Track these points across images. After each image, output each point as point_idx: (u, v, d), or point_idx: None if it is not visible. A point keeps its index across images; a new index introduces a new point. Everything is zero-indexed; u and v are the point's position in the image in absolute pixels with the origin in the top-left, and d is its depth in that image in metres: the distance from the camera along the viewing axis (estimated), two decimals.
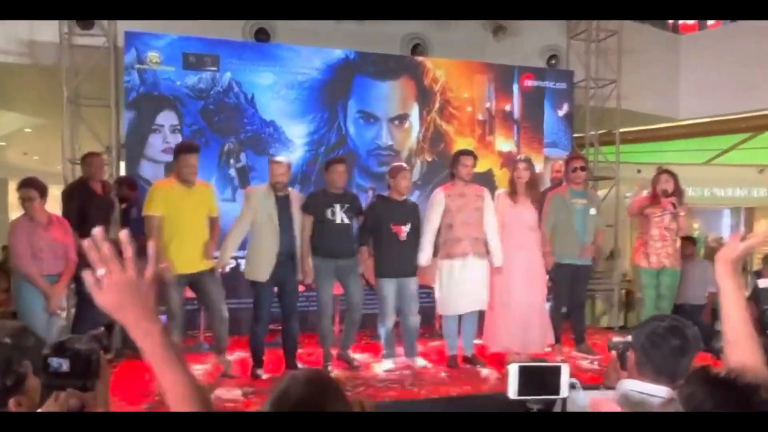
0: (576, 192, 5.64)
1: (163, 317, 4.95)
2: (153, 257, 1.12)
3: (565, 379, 2.26)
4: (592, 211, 5.72)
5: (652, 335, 2.00)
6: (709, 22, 10.13)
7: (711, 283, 6.75)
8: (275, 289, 5.00)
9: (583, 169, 5.69)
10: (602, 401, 1.93)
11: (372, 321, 5.47)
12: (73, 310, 5.43)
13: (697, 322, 6.28)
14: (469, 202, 5.21)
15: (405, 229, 5.15)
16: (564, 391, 2.26)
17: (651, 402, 1.87)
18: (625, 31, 8.20)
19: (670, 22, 9.89)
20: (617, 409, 1.88)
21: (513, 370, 2.19)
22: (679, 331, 2.00)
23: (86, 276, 1.05)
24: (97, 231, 1.06)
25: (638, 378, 2.01)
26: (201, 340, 5.77)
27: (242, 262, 5.53)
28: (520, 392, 2.20)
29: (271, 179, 5.01)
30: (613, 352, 2.35)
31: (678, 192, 5.53)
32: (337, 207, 5.05)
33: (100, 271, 1.05)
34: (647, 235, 5.63)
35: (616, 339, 2.41)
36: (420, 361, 5.26)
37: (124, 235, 1.06)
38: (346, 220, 5.09)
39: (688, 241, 7.34)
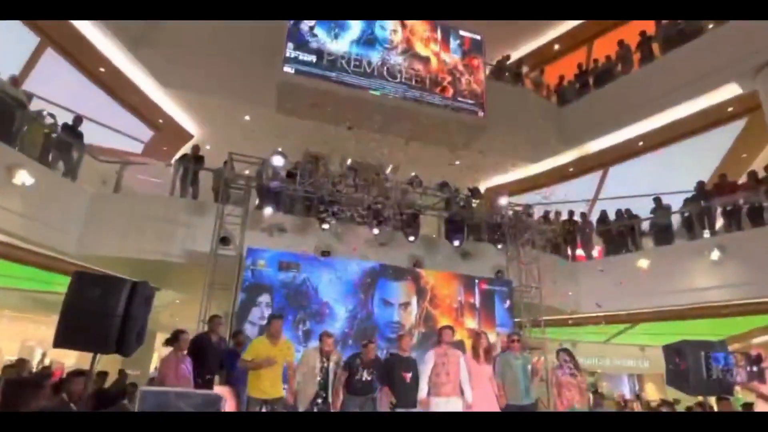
0: (514, 355, 5.52)
1: None
2: None
3: None
4: (528, 367, 5.60)
5: None
6: (594, 254, 10.56)
7: None
8: None
9: (517, 341, 5.66)
10: None
11: None
12: None
13: None
14: (450, 360, 5.07)
15: (408, 375, 5.05)
16: None
17: None
18: (541, 260, 8.59)
19: (570, 254, 10.29)
20: None
21: None
22: None
23: None
24: None
25: None
26: None
27: None
28: None
29: (321, 346, 5.07)
30: None
31: (571, 359, 5.35)
32: (365, 371, 5.04)
33: None
34: (560, 388, 5.27)
35: None
36: None
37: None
38: (369, 378, 5.06)
39: (598, 394, 7.02)
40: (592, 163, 12.56)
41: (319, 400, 4.84)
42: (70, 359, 9.34)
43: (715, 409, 5.66)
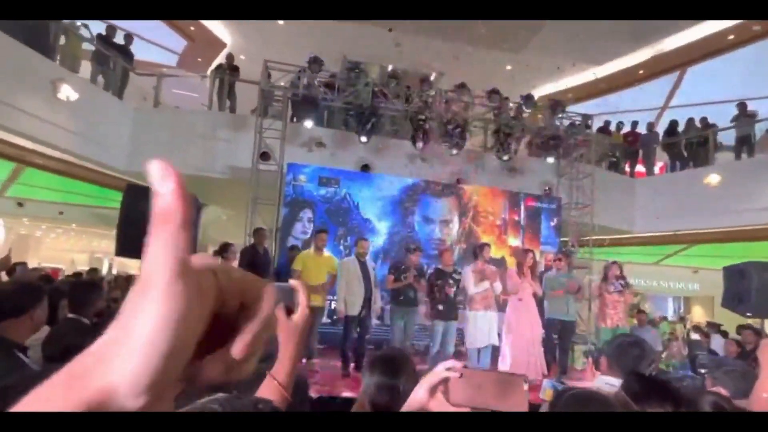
0: (561, 274, 5.60)
1: None
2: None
3: None
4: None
5: (620, 345, 1.88)
6: (656, 171, 9.95)
7: (658, 344, 6.36)
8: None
9: (561, 260, 5.70)
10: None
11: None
12: None
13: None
14: (486, 276, 5.15)
15: (452, 290, 5.13)
16: None
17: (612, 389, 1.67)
18: (597, 174, 8.20)
19: (627, 170, 9.68)
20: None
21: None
22: (639, 344, 1.87)
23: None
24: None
25: (608, 375, 1.85)
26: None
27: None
28: None
29: (357, 251, 5.25)
30: (590, 358, 2.30)
31: (621, 276, 5.33)
32: (410, 274, 5.12)
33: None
34: (604, 306, 5.37)
35: (591, 350, 2.32)
36: None
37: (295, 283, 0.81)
38: (412, 282, 5.11)
39: (641, 313, 7.01)
40: (667, 65, 11.17)
41: (364, 311, 5.09)
42: (135, 269, 10.36)
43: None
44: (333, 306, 5.81)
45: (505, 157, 7.58)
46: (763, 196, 7.61)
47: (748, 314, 4.74)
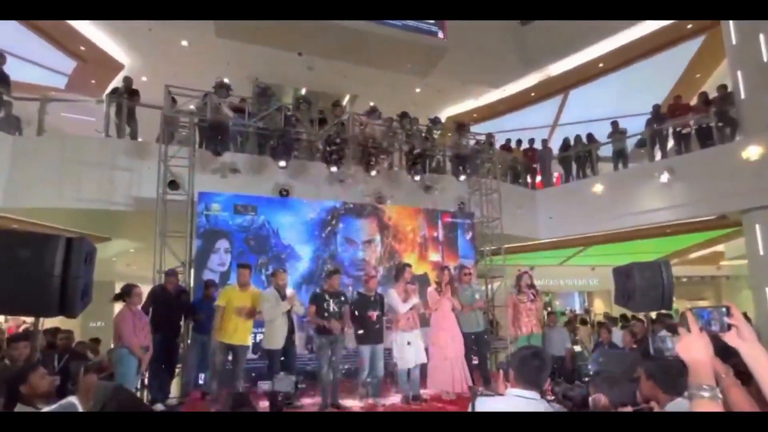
0: (464, 287, 5.76)
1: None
2: None
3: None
4: (476, 296, 5.80)
5: (522, 358, 1.95)
6: (553, 182, 10.87)
7: (567, 341, 6.84)
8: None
9: (467, 274, 5.87)
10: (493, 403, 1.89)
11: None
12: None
13: (561, 366, 6.27)
14: (409, 294, 5.19)
15: (374, 314, 5.08)
16: None
17: (526, 402, 1.81)
18: (503, 188, 8.73)
19: (529, 182, 10.50)
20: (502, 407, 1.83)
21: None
22: (538, 355, 1.95)
23: None
24: None
25: (516, 387, 1.91)
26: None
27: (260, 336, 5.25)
28: None
29: (275, 283, 5.01)
30: (501, 371, 2.35)
31: (532, 284, 5.61)
32: (332, 301, 5.00)
33: None
34: (518, 313, 5.60)
35: (502, 361, 2.40)
36: (380, 401, 5.03)
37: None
38: (336, 309, 4.99)
39: (552, 314, 7.51)
40: (554, 88, 12.44)
41: (288, 344, 4.87)
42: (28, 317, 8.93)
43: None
44: (259, 339, 5.52)
45: (417, 177, 7.81)
46: (639, 201, 8.66)
47: (637, 310, 5.30)
